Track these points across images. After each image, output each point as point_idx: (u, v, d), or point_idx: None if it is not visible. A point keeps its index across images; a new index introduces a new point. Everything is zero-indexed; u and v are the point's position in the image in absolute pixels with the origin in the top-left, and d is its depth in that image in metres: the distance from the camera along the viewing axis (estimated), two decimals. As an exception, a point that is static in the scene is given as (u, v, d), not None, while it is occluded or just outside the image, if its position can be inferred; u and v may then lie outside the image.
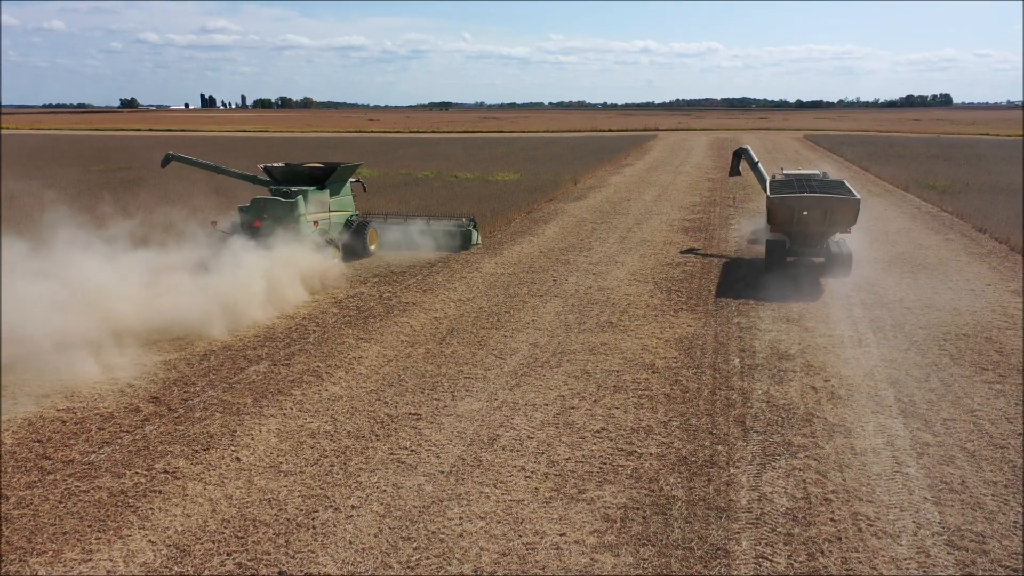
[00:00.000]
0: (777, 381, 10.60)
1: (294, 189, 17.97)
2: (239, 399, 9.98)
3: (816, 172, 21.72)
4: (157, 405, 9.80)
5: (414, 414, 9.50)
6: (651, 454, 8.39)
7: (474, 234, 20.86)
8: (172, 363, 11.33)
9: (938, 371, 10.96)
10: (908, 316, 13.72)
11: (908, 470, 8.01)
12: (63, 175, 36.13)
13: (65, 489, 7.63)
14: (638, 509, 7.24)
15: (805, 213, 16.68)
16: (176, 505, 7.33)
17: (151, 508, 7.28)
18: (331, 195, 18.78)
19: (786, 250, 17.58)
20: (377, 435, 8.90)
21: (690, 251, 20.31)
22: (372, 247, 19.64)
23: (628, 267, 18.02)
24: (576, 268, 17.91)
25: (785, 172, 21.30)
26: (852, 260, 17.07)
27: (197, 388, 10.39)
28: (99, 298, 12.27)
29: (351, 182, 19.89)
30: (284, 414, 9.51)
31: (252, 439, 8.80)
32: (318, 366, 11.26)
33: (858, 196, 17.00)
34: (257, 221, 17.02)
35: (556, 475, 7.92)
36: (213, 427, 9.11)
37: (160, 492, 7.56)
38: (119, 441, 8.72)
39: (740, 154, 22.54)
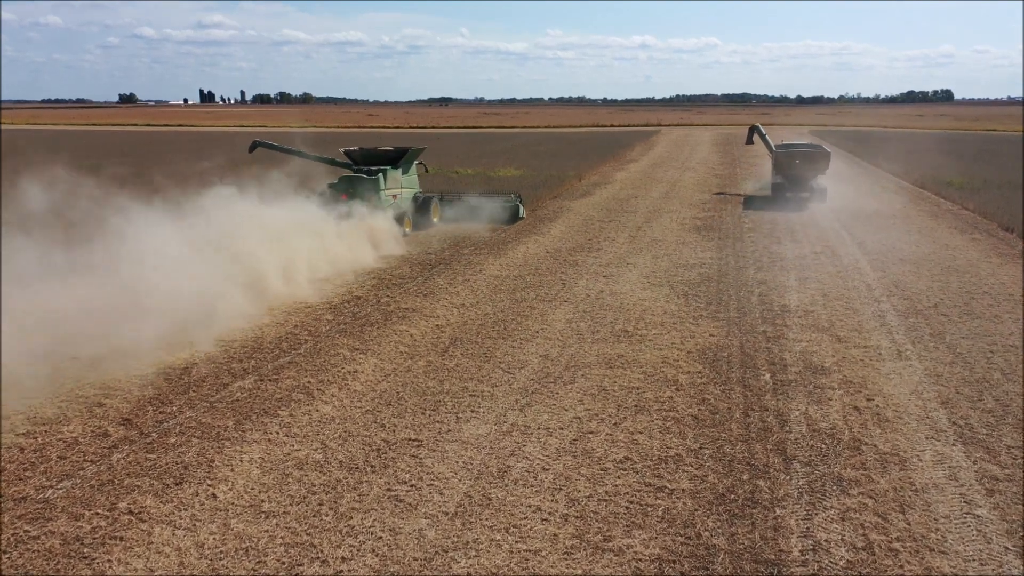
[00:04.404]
0: (815, 400, 9.59)
1: (374, 168, 20.77)
2: (220, 421, 8.98)
3: (804, 141, 33.55)
4: (128, 428, 8.79)
5: (414, 440, 8.50)
6: (683, 490, 7.39)
7: (520, 208, 23.69)
8: (148, 378, 10.31)
9: (991, 388, 9.96)
10: (947, 324, 12.72)
11: (979, 511, 7.00)
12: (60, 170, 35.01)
13: (12, 535, 6.62)
14: (675, 562, 6.24)
15: (797, 162, 26.86)
16: (138, 556, 6.32)
17: (109, 559, 6.28)
18: (402, 174, 21.57)
19: (785, 188, 27.02)
20: (372, 466, 7.90)
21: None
22: (435, 219, 22.56)
23: (640, 269, 17.02)
24: (585, 270, 16.91)
25: (784, 142, 30.17)
26: (827, 193, 26.41)
27: (174, 408, 9.38)
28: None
29: (415, 163, 22.65)
30: (269, 440, 8.51)
31: (232, 471, 7.80)
32: (309, 382, 10.25)
33: (830, 150, 27.71)
34: (344, 195, 19.65)
35: (577, 517, 6.92)
36: (188, 456, 8.11)
37: (121, 539, 6.56)
38: (81, 473, 7.72)
39: (753, 129, 31.16)
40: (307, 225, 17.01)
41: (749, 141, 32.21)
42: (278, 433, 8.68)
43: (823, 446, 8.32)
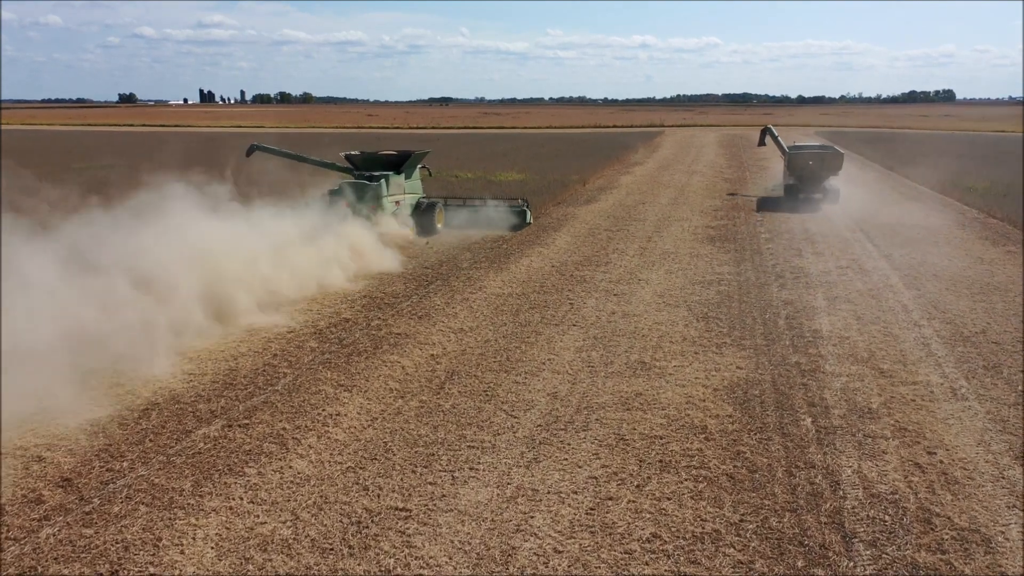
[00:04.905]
0: (868, 454, 8.28)
1: (376, 174, 20.25)
2: (175, 482, 7.67)
3: (815, 143, 34.01)
4: (66, 492, 7.49)
5: (402, 509, 7.19)
6: (727, 584, 6.07)
7: (527, 214, 22.79)
8: (101, 423, 9.00)
9: (1068, 438, 8.64)
10: (1001, 355, 11.40)
11: (1095, 616, 5.70)
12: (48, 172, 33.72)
13: None
14: None
15: (810, 163, 26.84)
16: None
17: None
18: (405, 179, 21.01)
19: (798, 189, 26.91)
20: (350, 547, 6.59)
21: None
22: (439, 225, 21.59)
23: (653, 286, 15.70)
24: (594, 287, 15.59)
25: (795, 143, 30.83)
26: (840, 194, 26.36)
27: (125, 464, 8.08)
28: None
29: (419, 168, 21.95)
30: (230, 508, 7.20)
31: (181, 553, 6.49)
32: (284, 428, 8.94)
33: (842, 151, 28.20)
34: (346, 201, 18.97)
35: (599, 624, 5.62)
36: (132, 531, 6.80)
37: (31, 658, 5.26)
38: (-1, 557, 6.41)
39: (766, 131, 31.24)
40: (299, 235, 15.91)
41: (761, 143, 32.51)
42: (242, 499, 7.37)
43: (887, 518, 7.01)
